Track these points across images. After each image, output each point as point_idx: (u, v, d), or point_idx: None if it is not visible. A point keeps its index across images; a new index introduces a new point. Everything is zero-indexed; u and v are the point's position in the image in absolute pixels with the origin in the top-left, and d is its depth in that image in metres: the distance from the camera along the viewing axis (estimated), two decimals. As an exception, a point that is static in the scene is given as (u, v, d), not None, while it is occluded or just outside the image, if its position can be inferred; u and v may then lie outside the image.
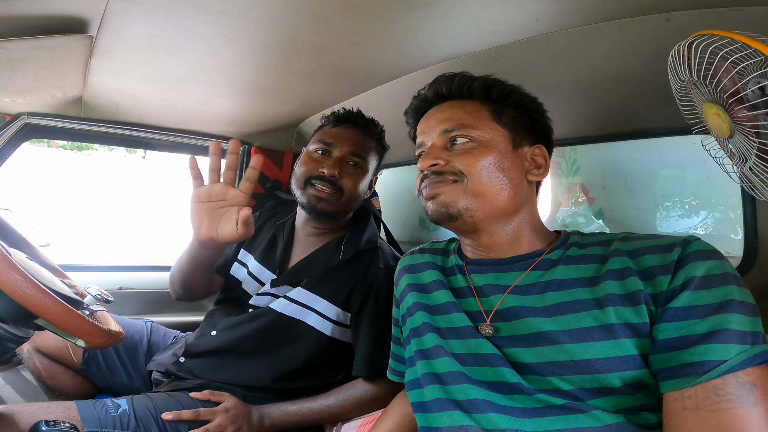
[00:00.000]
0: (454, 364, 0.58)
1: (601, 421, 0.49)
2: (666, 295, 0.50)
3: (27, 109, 1.29)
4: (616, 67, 0.82)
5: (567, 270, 0.58)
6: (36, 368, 1.06)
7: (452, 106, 0.66)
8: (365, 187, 1.06)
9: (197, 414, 0.85)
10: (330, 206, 1.00)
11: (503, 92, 0.66)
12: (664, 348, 0.48)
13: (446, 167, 0.62)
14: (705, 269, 0.49)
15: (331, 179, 0.99)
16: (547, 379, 0.52)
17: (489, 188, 0.60)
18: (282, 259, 1.07)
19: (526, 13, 0.77)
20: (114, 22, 0.88)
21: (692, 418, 0.45)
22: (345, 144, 1.02)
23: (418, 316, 0.66)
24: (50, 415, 0.74)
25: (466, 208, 0.60)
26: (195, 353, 1.02)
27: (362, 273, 0.98)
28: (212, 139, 1.56)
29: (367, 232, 1.06)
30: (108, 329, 0.82)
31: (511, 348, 0.56)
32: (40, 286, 0.70)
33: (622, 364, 0.49)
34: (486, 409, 0.53)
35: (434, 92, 0.69)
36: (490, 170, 0.60)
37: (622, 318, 0.51)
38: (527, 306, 0.57)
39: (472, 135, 0.62)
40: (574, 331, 0.52)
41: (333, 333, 0.99)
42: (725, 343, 0.45)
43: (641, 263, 0.53)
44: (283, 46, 0.96)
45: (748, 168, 0.57)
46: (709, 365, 0.45)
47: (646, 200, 0.94)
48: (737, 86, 0.54)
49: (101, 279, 1.34)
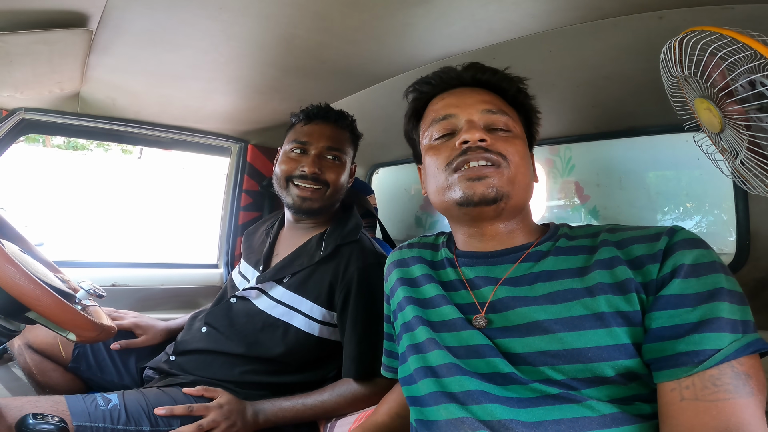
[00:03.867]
0: (447, 356, 0.57)
1: (597, 411, 0.49)
2: (656, 283, 0.50)
3: (24, 104, 1.28)
4: (611, 65, 0.83)
5: (557, 261, 0.58)
6: (26, 364, 1.05)
7: (490, 94, 0.66)
8: (346, 178, 1.08)
9: (190, 409, 0.84)
10: (316, 203, 1.02)
11: (528, 99, 0.68)
12: (658, 337, 0.48)
13: (491, 146, 0.60)
14: (693, 257, 0.49)
15: (314, 177, 1.01)
16: (539, 369, 0.52)
17: (522, 179, 0.61)
18: (267, 257, 1.08)
19: (522, 10, 0.79)
20: (114, 17, 0.88)
21: (691, 408, 0.45)
22: (320, 140, 1.03)
23: (409, 310, 0.66)
24: (38, 409, 0.73)
25: (507, 194, 0.59)
26: (184, 350, 1.01)
27: (342, 270, 0.98)
28: (209, 136, 1.57)
29: (349, 224, 1.06)
30: (100, 323, 0.81)
31: (503, 339, 0.56)
32: (32, 278, 0.70)
33: (614, 353, 0.49)
34: (482, 400, 0.53)
35: (472, 76, 0.67)
36: (524, 162, 0.62)
37: (614, 306, 0.51)
38: (519, 296, 0.57)
39: (509, 125, 0.63)
40: (566, 320, 0.52)
41: (321, 333, 0.98)
42: (718, 331, 0.45)
43: (629, 253, 0.54)
44: (281, 43, 0.97)
45: (739, 162, 0.58)
46: (704, 354, 0.45)
47: (640, 198, 0.95)
48: (726, 80, 0.55)
49: (95, 275, 1.33)
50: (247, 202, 1.61)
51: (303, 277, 1.00)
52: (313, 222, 1.08)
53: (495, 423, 0.52)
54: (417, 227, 1.56)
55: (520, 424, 0.50)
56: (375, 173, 1.72)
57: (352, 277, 0.96)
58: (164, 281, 1.45)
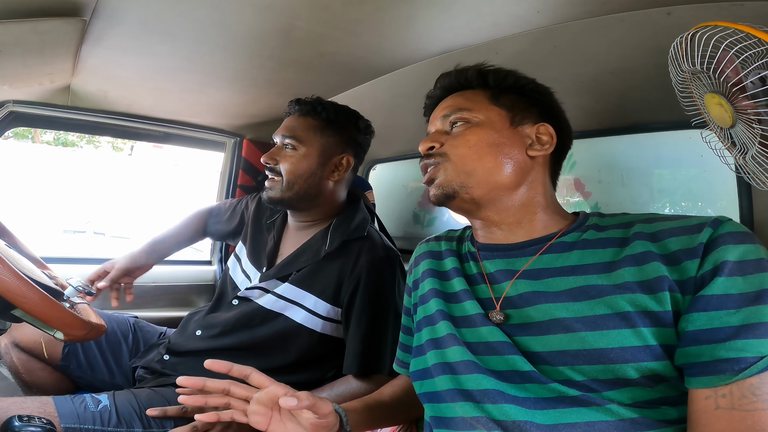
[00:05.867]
0: (466, 353, 0.56)
1: (616, 415, 0.47)
2: (695, 281, 0.47)
3: (13, 96, 1.25)
4: (616, 61, 0.82)
5: (582, 255, 0.55)
6: (13, 364, 1.01)
7: (453, 96, 0.69)
8: (310, 167, 1.00)
9: (184, 410, 0.82)
10: (275, 193, 1.01)
11: (499, 76, 0.67)
12: (694, 340, 0.45)
13: (438, 150, 0.64)
14: (739, 253, 0.46)
15: (269, 167, 1.01)
16: (559, 369, 0.50)
17: (480, 164, 0.61)
18: (272, 256, 1.05)
19: (528, 4, 0.77)
20: (109, 6, 0.85)
21: (726, 417, 0.43)
22: (279, 132, 1.03)
23: (433, 303, 0.64)
24: (25, 410, 0.70)
25: (461, 186, 0.61)
26: (179, 352, 0.98)
27: (350, 265, 0.96)
28: (203, 131, 1.54)
29: (356, 219, 1.02)
30: (89, 321, 0.78)
31: (522, 336, 0.54)
32: (18, 274, 0.67)
33: (639, 354, 0.47)
34: (498, 400, 0.51)
35: (440, 87, 0.71)
36: (480, 147, 0.62)
37: (640, 306, 0.48)
38: (539, 291, 0.55)
39: (466, 117, 0.64)
40: (588, 319, 0.50)
41: (323, 329, 0.96)
42: (762, 337, 0.42)
43: (665, 247, 0.50)
44: (280, 35, 0.94)
45: (750, 156, 0.57)
46: (746, 362, 0.42)
47: (642, 195, 0.94)
48: (740, 75, 0.54)
49: (84, 272, 1.29)
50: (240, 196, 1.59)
51: (308, 273, 0.98)
52: (309, 218, 1.05)
53: (509, 423, 0.50)
54: (415, 224, 1.55)
55: (534, 426, 0.49)
56: (372, 169, 1.70)
57: (361, 271, 0.94)
58: (156, 278, 1.42)
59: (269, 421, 0.60)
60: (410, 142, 1.44)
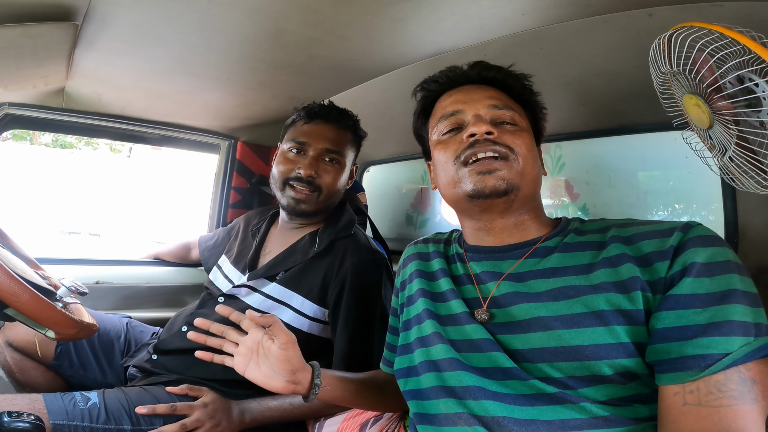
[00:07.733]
0: (450, 351, 0.57)
1: (589, 412, 0.48)
2: (665, 281, 0.49)
3: (8, 99, 1.26)
4: (601, 62, 0.83)
5: (563, 258, 0.58)
6: (6, 363, 1.02)
7: (496, 91, 0.67)
8: (345, 181, 1.06)
9: (174, 408, 0.82)
10: (310, 206, 1.00)
11: (532, 98, 0.68)
12: (663, 337, 0.47)
13: (498, 139, 0.61)
14: (706, 255, 0.47)
15: (308, 180, 0.99)
16: (538, 366, 0.51)
17: (531, 171, 0.61)
18: (254, 258, 1.06)
19: (513, 6, 0.79)
20: (101, 11, 0.86)
21: (693, 414, 0.44)
22: (319, 141, 1.01)
23: (420, 303, 0.66)
24: (15, 407, 0.71)
25: (517, 186, 0.60)
26: (166, 350, 0.99)
27: (336, 267, 0.96)
28: (198, 133, 1.55)
29: (342, 220, 1.04)
30: (80, 320, 0.79)
31: (504, 334, 0.55)
32: (9, 273, 0.68)
33: (612, 351, 0.48)
34: (479, 396, 0.53)
35: (478, 73, 0.68)
36: (531, 154, 0.62)
37: (614, 304, 0.50)
38: (521, 292, 0.57)
39: (516, 120, 0.64)
40: (566, 317, 0.52)
41: (310, 329, 0.97)
42: (728, 335, 0.44)
43: (638, 249, 0.52)
44: (271, 38, 0.95)
45: (728, 158, 0.58)
46: (711, 358, 0.44)
47: (629, 196, 0.95)
48: (715, 75, 0.55)
49: (78, 273, 1.29)
50: (236, 200, 1.59)
51: (295, 273, 0.98)
52: (306, 221, 1.06)
53: (489, 419, 0.52)
54: (408, 225, 1.56)
55: (512, 421, 0.50)
56: (366, 171, 1.71)
57: (346, 273, 0.95)
58: (149, 279, 1.42)
59: (248, 363, 0.65)
60: (403, 144, 1.45)
